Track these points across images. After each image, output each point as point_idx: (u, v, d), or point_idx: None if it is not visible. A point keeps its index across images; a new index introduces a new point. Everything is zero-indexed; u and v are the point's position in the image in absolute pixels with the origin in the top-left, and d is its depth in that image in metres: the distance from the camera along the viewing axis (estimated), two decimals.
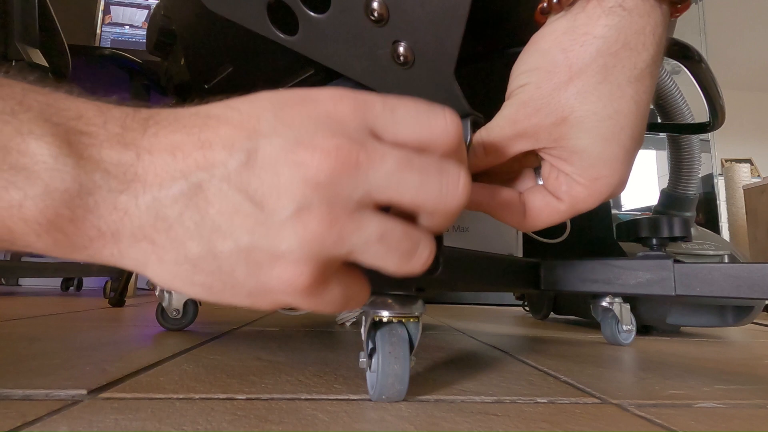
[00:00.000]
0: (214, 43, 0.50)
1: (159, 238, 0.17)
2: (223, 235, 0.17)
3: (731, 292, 0.45)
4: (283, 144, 0.17)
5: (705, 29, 2.83)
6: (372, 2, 0.28)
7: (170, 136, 0.18)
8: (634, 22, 0.23)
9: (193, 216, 0.17)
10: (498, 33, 0.40)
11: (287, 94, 0.19)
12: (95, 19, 2.07)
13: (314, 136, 0.17)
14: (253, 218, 0.17)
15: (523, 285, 0.58)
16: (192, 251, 0.17)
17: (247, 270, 0.18)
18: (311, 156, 0.17)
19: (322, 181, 0.17)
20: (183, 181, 0.17)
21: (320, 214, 0.17)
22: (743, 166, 2.89)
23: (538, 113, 0.25)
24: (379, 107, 0.19)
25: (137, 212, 0.17)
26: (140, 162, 0.17)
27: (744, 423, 0.34)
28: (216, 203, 0.17)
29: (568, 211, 0.27)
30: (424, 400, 0.36)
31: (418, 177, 0.18)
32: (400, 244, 0.19)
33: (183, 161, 0.17)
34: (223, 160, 0.17)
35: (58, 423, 0.28)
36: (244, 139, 0.17)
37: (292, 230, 0.17)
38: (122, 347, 0.54)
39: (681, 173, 0.95)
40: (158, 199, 0.17)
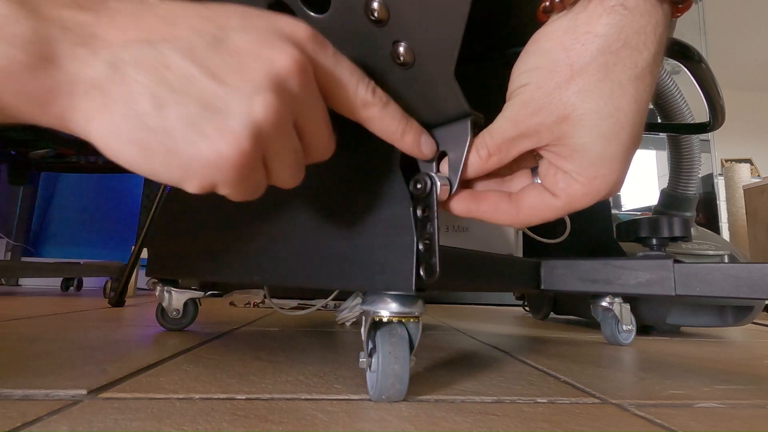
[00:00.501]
0: None
1: (112, 90, 0.18)
2: (176, 99, 0.19)
3: (731, 292, 0.45)
4: (252, 40, 0.20)
5: (705, 29, 2.83)
6: (372, 2, 0.28)
7: (134, 12, 0.19)
8: (635, 20, 0.23)
9: (150, 76, 0.18)
10: (498, 33, 0.40)
11: (253, 9, 0.22)
12: None
13: (281, 42, 0.20)
14: (210, 90, 0.19)
15: (523, 285, 0.58)
16: (141, 105, 0.18)
17: (187, 135, 0.19)
18: (278, 56, 0.20)
19: (282, 79, 0.20)
20: (147, 45, 0.18)
21: (272, 104, 0.20)
22: (743, 166, 2.89)
23: (540, 112, 0.25)
24: (330, 50, 0.24)
25: (95, 63, 0.18)
26: (99, 23, 0.18)
27: (744, 423, 0.34)
28: (175, 70, 0.18)
29: (563, 208, 0.27)
30: (424, 400, 0.36)
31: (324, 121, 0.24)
32: (299, 164, 0.24)
33: (148, 31, 0.19)
34: (188, 37, 0.19)
35: (58, 423, 0.28)
36: (213, 28, 0.20)
37: (246, 106, 0.19)
38: (122, 347, 0.54)
39: (681, 173, 0.95)
40: (118, 55, 0.18)
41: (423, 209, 0.32)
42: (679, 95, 0.86)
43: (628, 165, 0.26)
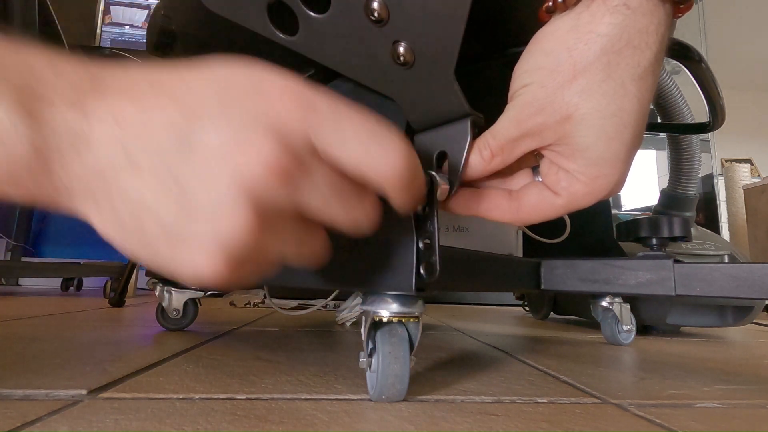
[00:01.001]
0: (214, 43, 0.50)
1: (101, 200, 0.18)
2: (149, 210, 0.18)
3: (731, 292, 0.45)
4: (221, 138, 0.18)
5: (705, 29, 2.83)
6: (372, 2, 0.28)
7: (116, 100, 0.18)
8: (638, 20, 0.23)
9: (127, 184, 0.18)
10: (498, 33, 0.40)
11: (236, 81, 0.19)
12: (95, 19, 2.07)
13: (254, 137, 0.18)
14: (178, 204, 0.18)
15: (523, 285, 0.58)
16: (123, 217, 0.18)
17: (168, 247, 0.18)
18: (246, 159, 0.17)
19: (251, 186, 0.17)
20: (121, 150, 0.18)
21: (242, 218, 0.18)
22: (743, 166, 2.89)
23: (543, 112, 0.25)
24: (326, 116, 0.19)
25: (83, 173, 0.18)
26: (86, 123, 0.18)
27: (744, 423, 0.34)
28: (148, 179, 0.18)
29: (564, 206, 0.27)
30: (424, 400, 0.36)
31: (338, 204, 0.20)
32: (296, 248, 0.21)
33: (123, 130, 0.18)
34: (159, 140, 0.18)
35: (58, 423, 0.28)
36: (183, 122, 0.18)
37: (212, 225, 0.18)
38: (122, 347, 0.54)
39: (681, 173, 0.95)
40: (99, 161, 0.18)
41: (423, 208, 0.32)
42: (679, 95, 0.86)
43: (630, 165, 0.26)
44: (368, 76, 0.33)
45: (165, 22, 0.60)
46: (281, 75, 0.20)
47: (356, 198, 0.20)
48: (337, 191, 0.19)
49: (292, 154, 0.18)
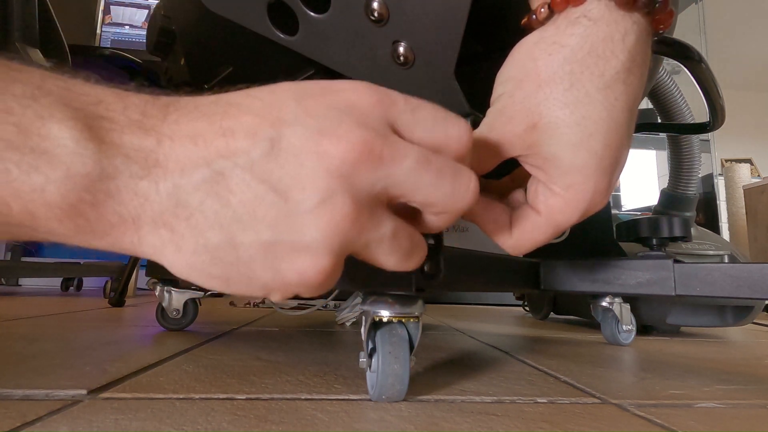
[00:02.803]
0: (214, 43, 0.50)
1: (178, 226, 0.17)
2: (244, 226, 0.17)
3: (731, 292, 0.45)
4: (306, 133, 0.17)
5: (705, 29, 2.83)
6: (372, 2, 0.28)
7: (191, 124, 0.18)
8: (601, 30, 0.24)
9: (214, 204, 0.17)
10: (498, 33, 0.40)
11: (309, 84, 0.19)
12: (95, 19, 2.07)
13: (338, 126, 0.17)
14: (276, 209, 0.17)
15: (523, 285, 0.58)
16: (211, 241, 0.17)
17: (266, 262, 0.18)
18: (335, 146, 0.17)
19: (345, 172, 0.17)
20: (205, 168, 0.17)
21: (344, 207, 0.17)
22: (743, 166, 2.89)
23: (512, 121, 0.25)
24: (402, 104, 0.19)
25: (158, 198, 0.17)
26: (161, 148, 0.17)
27: (744, 423, 0.34)
28: (238, 192, 0.17)
29: (546, 224, 0.26)
30: (424, 400, 0.36)
31: (434, 177, 0.19)
32: (405, 243, 0.20)
33: (205, 149, 0.17)
34: (246, 149, 0.17)
35: (58, 423, 0.28)
36: (267, 128, 0.17)
37: (315, 222, 0.17)
38: (122, 347, 0.54)
39: (681, 173, 0.95)
40: (179, 185, 0.17)
41: None
42: (679, 95, 0.86)
43: (607, 175, 0.25)
44: (368, 76, 0.33)
45: (165, 22, 0.60)
46: (347, 80, 0.20)
47: (450, 170, 0.20)
48: (427, 166, 0.19)
49: (379, 135, 0.18)
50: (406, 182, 0.18)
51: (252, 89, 0.19)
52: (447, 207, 0.20)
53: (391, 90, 0.20)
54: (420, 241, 0.21)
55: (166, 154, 0.17)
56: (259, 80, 0.46)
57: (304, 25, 0.33)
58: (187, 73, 0.58)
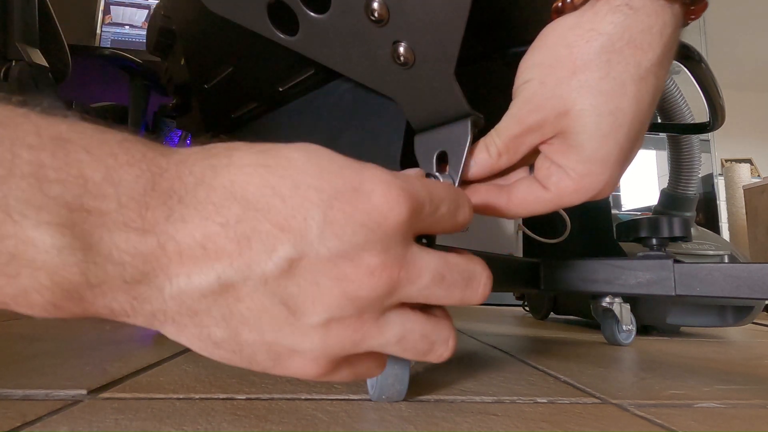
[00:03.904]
0: (214, 43, 0.50)
1: (182, 321, 0.17)
2: (249, 328, 0.17)
3: (731, 292, 0.45)
4: (328, 256, 0.16)
5: (705, 29, 2.83)
6: (372, 2, 0.28)
7: (201, 224, 0.16)
8: (641, 20, 0.23)
9: (222, 310, 0.16)
10: (498, 33, 0.40)
11: (337, 183, 0.17)
12: (95, 19, 2.07)
13: (362, 251, 0.17)
14: (282, 319, 0.17)
15: (523, 285, 0.58)
16: (216, 335, 0.17)
17: (267, 356, 0.18)
18: (355, 273, 0.17)
19: (358, 295, 0.17)
20: (214, 278, 0.16)
21: (349, 324, 0.17)
22: (743, 166, 2.89)
23: (543, 108, 0.25)
24: (427, 209, 0.19)
25: (159, 300, 0.16)
26: (164, 252, 0.15)
27: (744, 423, 0.34)
28: (247, 301, 0.16)
29: (552, 201, 0.27)
30: (424, 400, 0.36)
31: (446, 290, 0.19)
32: (417, 345, 0.20)
33: (216, 257, 0.16)
34: (262, 265, 0.16)
35: (58, 423, 0.28)
36: (288, 246, 0.16)
37: (317, 335, 0.17)
38: (122, 347, 0.54)
39: (681, 173, 0.95)
40: (185, 292, 0.16)
41: None
42: (679, 95, 0.86)
43: (622, 168, 0.26)
44: (368, 76, 0.33)
45: (165, 22, 0.60)
46: (377, 175, 0.18)
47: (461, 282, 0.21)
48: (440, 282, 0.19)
49: (400, 260, 0.18)
50: (419, 297, 0.19)
51: (270, 173, 0.17)
52: (462, 303, 0.21)
53: (421, 189, 0.19)
54: (439, 337, 0.21)
55: (170, 259, 0.15)
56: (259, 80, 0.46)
57: (304, 25, 0.33)
58: (187, 73, 0.58)
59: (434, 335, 0.20)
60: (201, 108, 0.59)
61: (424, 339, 0.20)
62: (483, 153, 0.28)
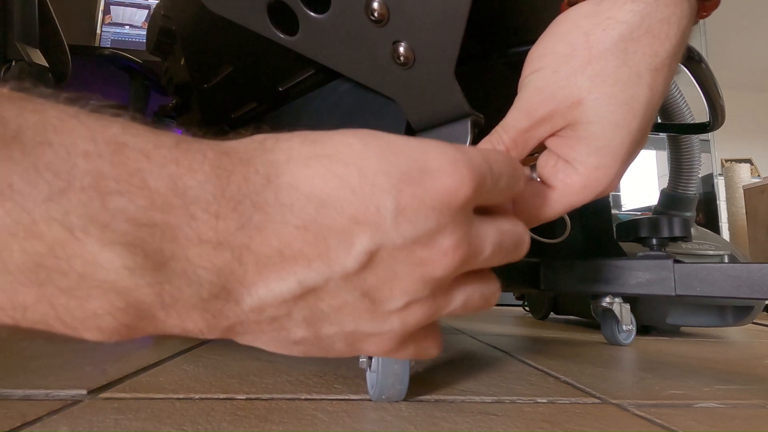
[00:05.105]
0: (214, 43, 0.50)
1: (261, 328, 0.17)
2: (330, 323, 0.17)
3: (731, 292, 0.45)
4: (404, 243, 0.16)
5: (705, 29, 2.83)
6: (372, 2, 0.28)
7: (277, 230, 0.15)
8: (660, 10, 0.23)
9: (303, 312, 0.16)
10: (498, 33, 0.39)
11: (402, 164, 0.17)
12: (95, 19, 2.07)
13: (435, 235, 0.17)
14: (363, 310, 0.17)
15: (523, 285, 0.58)
16: (296, 335, 0.17)
17: (344, 344, 0.19)
18: (431, 256, 0.17)
19: (436, 277, 0.17)
20: (295, 283, 0.15)
21: (425, 302, 0.18)
22: (743, 166, 2.89)
23: (555, 98, 0.25)
24: (489, 182, 0.19)
25: (237, 313, 0.15)
26: (239, 264, 0.15)
27: (744, 423, 0.34)
28: (328, 299, 0.16)
29: (559, 201, 0.26)
30: (424, 400, 0.36)
31: (501, 257, 0.20)
32: (476, 304, 0.21)
33: (294, 261, 0.15)
34: (341, 262, 0.16)
35: (58, 423, 0.28)
36: (365, 238, 0.16)
37: (397, 318, 0.18)
38: (122, 347, 0.54)
39: (681, 173, 0.95)
40: (265, 301, 0.15)
41: None
42: (679, 95, 0.86)
43: (628, 162, 0.26)
44: (368, 76, 0.33)
45: (165, 22, 0.60)
46: (440, 150, 0.18)
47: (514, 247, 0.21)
48: (499, 251, 0.20)
49: (468, 237, 0.18)
50: (481, 265, 0.20)
51: (332, 162, 0.16)
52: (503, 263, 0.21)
53: (482, 162, 0.18)
54: (492, 289, 0.22)
55: (246, 270, 0.15)
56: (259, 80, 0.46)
57: (304, 25, 0.33)
58: (187, 73, 0.58)
59: (488, 291, 0.21)
60: (201, 108, 0.59)
61: (482, 297, 0.21)
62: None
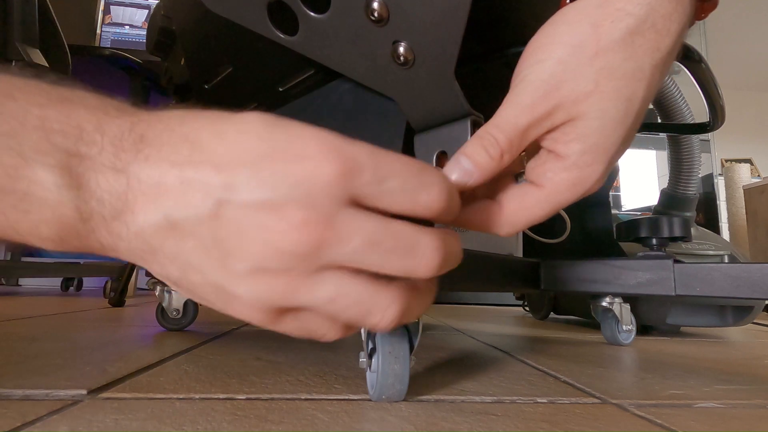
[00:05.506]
0: (214, 43, 0.50)
1: (149, 259, 0.19)
2: (194, 269, 0.19)
3: (731, 292, 0.45)
4: (252, 203, 0.18)
5: (705, 29, 2.83)
6: (372, 2, 0.28)
7: (158, 165, 0.18)
8: (664, 6, 0.23)
9: (171, 248, 0.19)
10: (498, 33, 0.40)
11: (277, 135, 0.18)
12: (95, 19, 2.07)
13: (286, 204, 0.17)
14: (217, 261, 0.18)
15: (523, 285, 0.58)
16: (173, 274, 0.19)
17: (216, 297, 0.20)
18: (277, 225, 0.17)
19: (282, 249, 0.18)
20: (162, 216, 0.18)
21: (274, 278, 0.18)
22: (743, 166, 2.89)
23: (559, 91, 0.23)
24: (368, 175, 0.18)
25: (128, 236, 0.18)
26: (130, 190, 0.18)
27: (744, 423, 0.34)
28: (188, 241, 0.18)
29: (547, 199, 0.25)
30: (424, 400, 0.36)
31: (383, 256, 0.18)
32: (349, 309, 0.19)
33: (165, 195, 0.18)
34: (197, 205, 0.18)
35: (58, 423, 0.28)
36: (219, 188, 0.18)
37: (246, 283, 0.19)
38: (122, 347, 0.54)
39: (681, 173, 0.95)
40: (143, 228, 0.18)
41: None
42: (679, 95, 0.86)
43: (615, 161, 0.25)
44: (368, 76, 0.33)
45: (165, 22, 0.60)
46: (318, 132, 0.18)
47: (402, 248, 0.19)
48: (376, 247, 0.18)
49: (324, 217, 0.17)
50: (354, 260, 0.18)
51: (224, 123, 0.19)
52: (406, 275, 0.19)
53: (362, 152, 0.18)
54: (379, 305, 0.19)
55: (134, 197, 0.18)
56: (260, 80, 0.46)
57: (304, 25, 0.33)
58: (187, 73, 0.58)
59: (370, 302, 0.19)
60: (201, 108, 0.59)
61: (358, 304, 0.19)
62: (482, 155, 0.25)
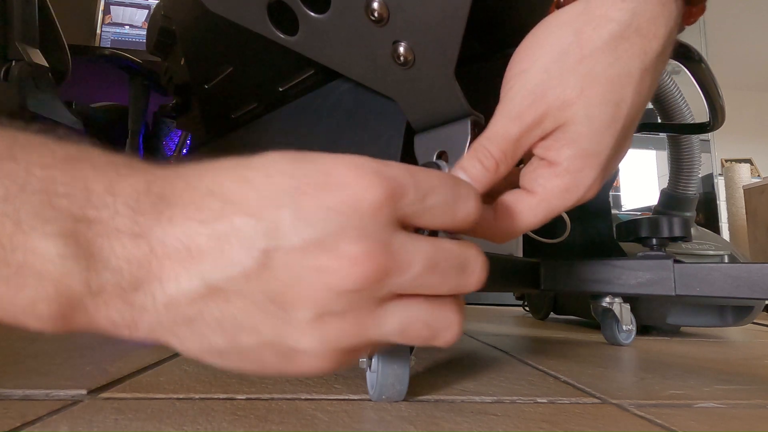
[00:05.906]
0: (214, 43, 0.50)
1: (180, 332, 0.17)
2: (247, 332, 0.17)
3: (731, 292, 0.45)
4: (303, 246, 0.16)
5: (705, 29, 2.83)
6: (372, 2, 0.28)
7: (186, 225, 0.16)
8: (649, 9, 0.23)
9: (214, 313, 0.16)
10: (498, 33, 0.40)
11: (308, 171, 0.17)
12: (95, 19, 2.07)
13: (339, 239, 0.16)
14: (275, 317, 0.17)
15: (523, 285, 0.58)
16: (217, 344, 0.17)
17: (276, 358, 0.18)
18: (335, 263, 0.16)
19: (345, 288, 0.16)
20: (200, 280, 0.16)
21: (341, 320, 0.17)
22: (743, 166, 2.89)
23: (544, 99, 0.24)
24: (411, 195, 0.18)
25: (154, 309, 0.16)
26: (154, 257, 0.16)
27: (744, 423, 0.34)
28: (236, 302, 0.16)
29: (539, 205, 0.25)
30: (424, 400, 0.36)
31: (440, 278, 0.18)
32: (420, 333, 0.19)
33: (199, 257, 0.16)
34: (242, 260, 0.16)
35: (58, 423, 0.28)
36: (262, 236, 0.16)
37: (311, 333, 0.17)
38: (122, 347, 0.54)
39: (681, 173, 0.95)
40: (176, 298, 0.16)
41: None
42: (679, 95, 0.86)
43: (610, 168, 0.25)
44: (368, 76, 0.33)
45: (165, 22, 0.60)
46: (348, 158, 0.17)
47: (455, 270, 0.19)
48: (433, 271, 0.18)
49: (383, 247, 0.17)
50: (411, 287, 0.18)
51: (247, 168, 0.17)
52: (458, 292, 0.19)
53: (402, 173, 0.18)
54: (443, 321, 0.19)
55: (160, 263, 0.16)
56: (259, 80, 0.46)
57: (304, 25, 0.33)
58: (187, 73, 0.58)
59: (438, 322, 0.19)
60: (201, 108, 0.59)
61: (428, 327, 0.19)
62: (477, 168, 0.25)
